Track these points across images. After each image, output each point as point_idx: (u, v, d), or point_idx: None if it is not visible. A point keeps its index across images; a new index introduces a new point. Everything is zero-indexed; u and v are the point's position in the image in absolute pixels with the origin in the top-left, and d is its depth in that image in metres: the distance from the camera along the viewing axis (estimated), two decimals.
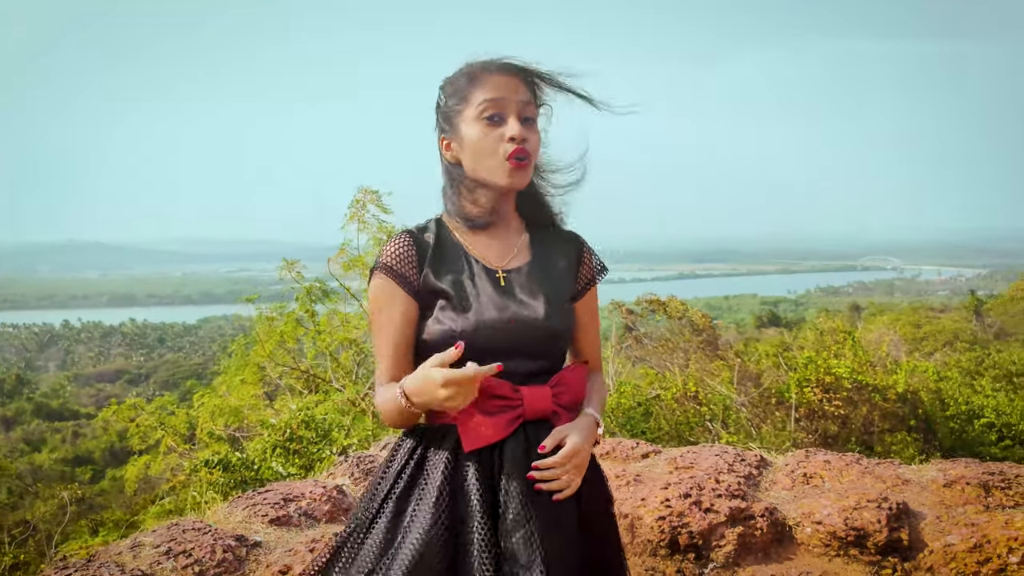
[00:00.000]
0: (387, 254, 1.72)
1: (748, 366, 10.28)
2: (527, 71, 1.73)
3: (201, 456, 7.88)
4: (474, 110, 1.69)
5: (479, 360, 1.60)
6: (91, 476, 22.81)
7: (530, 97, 1.71)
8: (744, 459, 3.10)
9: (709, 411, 8.92)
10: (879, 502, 2.53)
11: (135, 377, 54.05)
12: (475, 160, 1.70)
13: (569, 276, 1.80)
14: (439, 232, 1.77)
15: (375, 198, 9.05)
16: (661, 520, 2.55)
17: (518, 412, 1.64)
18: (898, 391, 8.50)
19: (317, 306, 9.51)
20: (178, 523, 2.50)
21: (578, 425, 1.68)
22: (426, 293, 1.70)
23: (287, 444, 6.22)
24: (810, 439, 8.41)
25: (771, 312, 50.11)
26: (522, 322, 1.67)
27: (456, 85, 1.74)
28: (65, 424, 33.02)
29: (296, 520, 2.67)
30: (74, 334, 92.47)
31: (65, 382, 51.53)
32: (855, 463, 3.02)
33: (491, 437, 1.62)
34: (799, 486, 2.92)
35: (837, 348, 10.81)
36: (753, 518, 2.54)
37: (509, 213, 1.80)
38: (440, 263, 1.72)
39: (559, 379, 1.71)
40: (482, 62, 1.73)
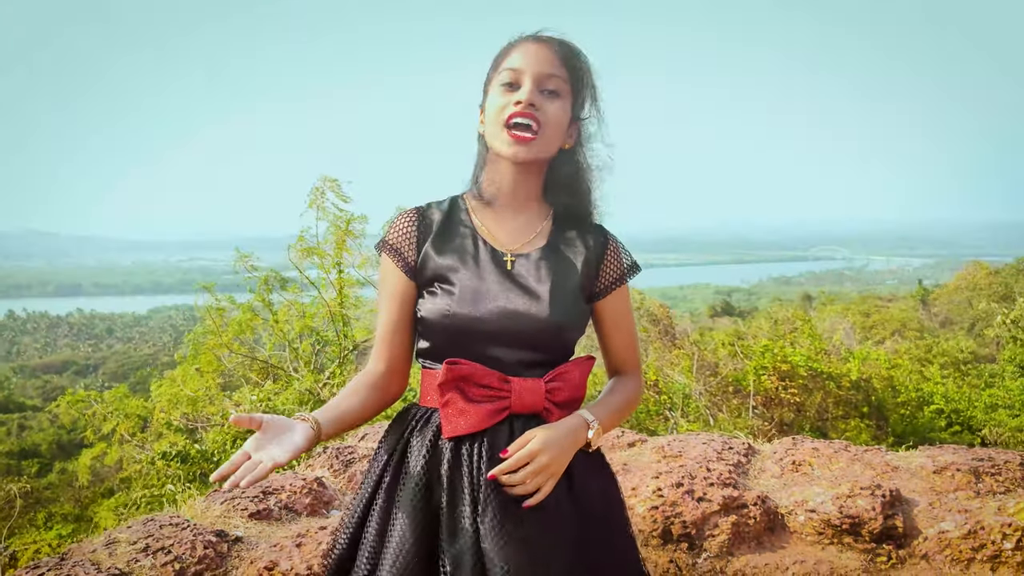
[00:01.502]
0: (390, 231, 1.67)
1: (705, 356, 10.36)
2: (561, 43, 1.64)
3: (158, 448, 7.69)
4: (497, 77, 1.63)
5: (473, 344, 1.56)
6: (38, 469, 22.24)
7: (558, 70, 1.61)
8: (732, 447, 3.07)
9: (669, 400, 8.96)
10: (872, 489, 2.51)
11: (83, 368, 52.86)
12: (488, 127, 1.63)
13: (586, 271, 1.68)
14: (450, 210, 1.70)
15: (335, 186, 8.93)
16: (653, 510, 2.50)
17: (504, 404, 1.55)
18: (852, 379, 8.64)
19: (274, 295, 9.35)
20: (154, 519, 2.38)
21: (554, 426, 1.55)
22: (424, 271, 1.63)
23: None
24: (766, 426, 8.51)
25: (725, 302, 50.78)
26: (520, 309, 1.58)
27: (497, 56, 1.68)
28: (10, 417, 32.14)
29: (277, 514, 2.56)
30: (19, 324, 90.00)
31: (10, 374, 50.16)
32: (843, 450, 3.01)
33: (471, 426, 1.53)
34: (788, 474, 2.90)
35: (793, 337, 10.96)
36: (746, 507, 2.51)
37: (531, 195, 1.70)
38: (443, 241, 1.64)
39: (557, 374, 1.60)
40: (523, 35, 1.65)
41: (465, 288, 1.58)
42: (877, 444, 7.79)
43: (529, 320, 1.58)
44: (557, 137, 1.64)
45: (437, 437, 1.56)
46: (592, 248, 1.70)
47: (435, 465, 1.55)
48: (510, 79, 1.60)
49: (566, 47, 1.64)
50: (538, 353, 1.59)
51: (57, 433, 25.11)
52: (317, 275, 9.16)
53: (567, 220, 1.72)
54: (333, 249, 8.88)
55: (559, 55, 1.62)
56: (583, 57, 1.66)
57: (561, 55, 1.62)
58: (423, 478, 1.53)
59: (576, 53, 1.65)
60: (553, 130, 1.62)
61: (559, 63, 1.62)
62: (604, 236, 1.74)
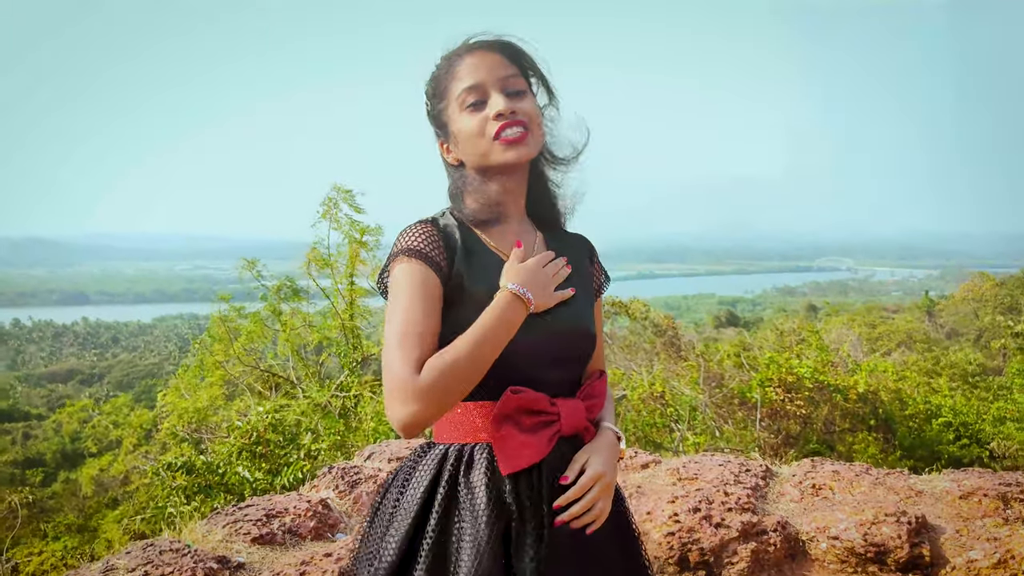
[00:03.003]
0: (411, 238, 1.53)
1: (711, 367, 10.29)
2: (502, 44, 1.59)
3: (164, 459, 7.63)
4: (456, 103, 1.57)
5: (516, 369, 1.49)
6: (42, 479, 22.23)
7: (513, 69, 1.58)
8: (749, 469, 2.99)
9: (675, 412, 8.90)
10: (898, 516, 2.43)
11: (88, 377, 52.84)
12: (471, 151, 1.57)
13: (588, 279, 1.70)
14: (460, 227, 1.60)
15: (348, 197, 8.87)
16: (670, 536, 2.43)
17: (556, 428, 1.51)
18: (859, 391, 8.57)
19: (284, 305, 9.30)
20: (154, 543, 2.31)
21: (598, 445, 1.55)
22: (456, 285, 1.52)
23: (253, 448, 6.00)
24: (773, 439, 8.43)
25: (729, 312, 50.70)
26: (565, 326, 1.56)
27: (435, 84, 1.63)
28: (15, 425, 32.14)
29: (281, 538, 2.49)
30: (25, 333, 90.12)
31: (15, 382, 50.17)
32: (865, 473, 2.93)
33: (532, 457, 1.47)
34: (808, 498, 2.82)
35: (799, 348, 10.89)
36: (766, 533, 2.43)
37: (520, 208, 1.67)
38: (470, 260, 1.56)
39: (590, 391, 1.59)
40: (453, 50, 1.61)
41: None
42: (885, 457, 7.71)
43: (573, 339, 1.57)
44: (540, 131, 1.61)
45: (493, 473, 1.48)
46: (583, 254, 1.72)
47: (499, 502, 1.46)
48: (474, 98, 1.55)
49: (506, 45, 1.60)
50: (577, 369, 1.59)
51: (62, 442, 25.10)
52: (328, 284, 9.13)
53: (551, 228, 1.71)
54: (347, 260, 8.84)
55: (504, 55, 1.59)
56: (523, 47, 1.62)
57: (505, 54, 1.59)
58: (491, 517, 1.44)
59: (515, 47, 1.61)
60: (536, 126, 1.59)
61: (508, 62, 1.58)
62: (590, 247, 1.76)
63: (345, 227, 8.76)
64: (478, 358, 1.43)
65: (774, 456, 7.93)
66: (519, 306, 1.47)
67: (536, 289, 1.50)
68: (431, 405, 1.40)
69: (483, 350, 1.43)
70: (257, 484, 5.47)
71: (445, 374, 1.40)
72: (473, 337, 1.43)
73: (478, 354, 1.43)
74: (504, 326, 1.45)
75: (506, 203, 1.62)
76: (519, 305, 1.47)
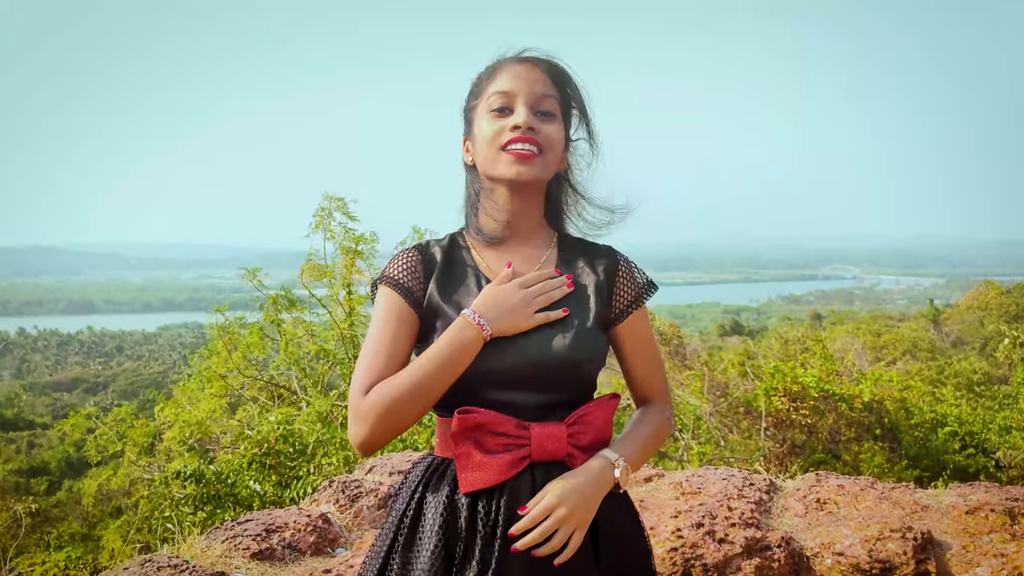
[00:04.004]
0: (393, 267, 1.57)
1: (716, 376, 10.28)
2: (549, 63, 1.58)
3: (171, 468, 7.60)
4: (484, 103, 1.56)
5: (486, 390, 1.47)
6: (47, 488, 22.23)
7: (551, 91, 1.56)
8: (753, 483, 2.96)
9: (680, 421, 8.88)
10: (903, 531, 2.40)
11: (93, 386, 52.90)
12: (483, 155, 1.56)
13: (600, 298, 1.59)
14: (450, 248, 1.62)
15: (341, 205, 8.83)
16: (673, 552, 2.40)
17: (524, 453, 1.45)
18: (864, 400, 8.55)
19: (283, 315, 9.28)
20: (152, 559, 2.30)
21: (574, 474, 1.46)
22: (429, 311, 1.54)
23: (263, 459, 5.97)
24: (778, 448, 8.40)
25: (734, 320, 50.61)
26: (534, 351, 1.49)
27: (476, 82, 1.62)
28: (20, 434, 32.17)
29: (280, 553, 2.47)
30: (30, 342, 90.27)
31: (20, 391, 50.24)
32: (870, 488, 2.90)
33: (488, 480, 1.44)
34: (813, 513, 2.79)
35: (804, 357, 10.87)
36: (770, 548, 2.41)
37: (532, 224, 1.63)
38: (447, 280, 1.56)
39: (578, 416, 1.50)
40: (507, 56, 1.60)
41: None
42: (891, 466, 7.67)
43: (543, 360, 1.49)
44: (556, 159, 1.58)
45: (454, 491, 1.47)
46: (602, 272, 1.62)
47: (452, 523, 1.45)
48: (501, 104, 1.54)
49: (555, 67, 1.58)
50: (558, 394, 1.50)
51: (66, 451, 25.10)
52: (326, 294, 9.10)
53: (572, 245, 1.66)
54: (343, 270, 8.81)
55: (549, 76, 1.57)
56: (572, 76, 1.61)
57: (551, 76, 1.57)
58: (440, 540, 1.43)
59: (565, 73, 1.60)
60: (553, 152, 1.56)
61: (551, 84, 1.56)
62: (614, 257, 1.65)
63: (339, 237, 8.74)
64: (426, 383, 1.43)
65: (779, 465, 7.90)
66: (469, 332, 1.45)
67: (500, 314, 1.47)
68: (375, 426, 1.42)
69: (431, 375, 1.43)
70: (267, 497, 5.45)
71: (387, 397, 1.42)
72: (421, 361, 1.45)
73: (426, 379, 1.43)
74: (452, 352, 1.44)
75: (515, 219, 1.59)
76: (470, 331, 1.45)
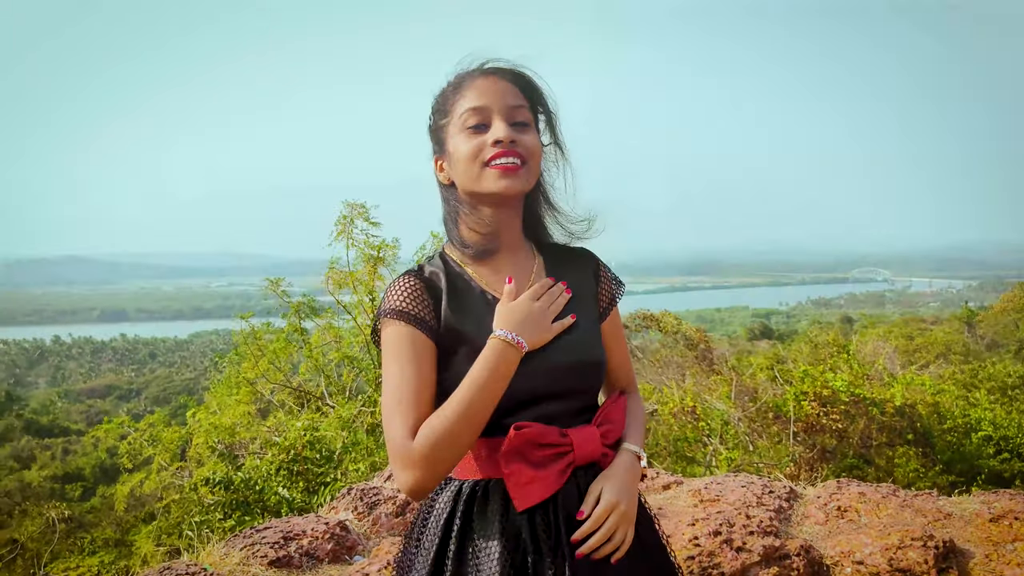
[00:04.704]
0: (395, 298, 1.51)
1: (744, 380, 10.20)
2: (514, 72, 1.57)
3: (200, 474, 7.70)
4: (457, 121, 1.54)
5: (519, 406, 1.47)
6: (81, 493, 22.55)
7: (522, 101, 1.56)
8: (772, 490, 2.95)
9: (707, 426, 8.82)
10: (924, 540, 2.38)
11: (126, 393, 53.62)
12: (463, 174, 1.54)
13: (592, 298, 1.65)
14: (447, 269, 1.59)
15: (363, 212, 8.85)
16: (690, 560, 2.40)
17: (569, 459, 1.48)
18: (895, 404, 8.45)
19: (307, 323, 9.35)
20: (171, 567, 2.34)
21: (613, 472, 1.51)
22: (448, 336, 1.51)
23: (291, 465, 6.03)
24: (808, 454, 8.33)
25: (763, 324, 50.15)
26: (563, 359, 1.52)
27: (441, 100, 1.60)
28: (55, 441, 32.67)
29: (298, 561, 2.51)
30: (65, 350, 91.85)
31: (55, 398, 51.07)
32: (892, 495, 2.87)
33: (544, 492, 1.45)
34: (833, 520, 2.77)
35: (833, 362, 10.76)
36: (788, 557, 2.40)
37: (515, 235, 1.63)
38: (457, 303, 1.53)
39: (604, 416, 1.56)
40: (467, 70, 1.59)
41: None
42: (925, 471, 7.57)
43: (578, 367, 1.53)
44: (537, 167, 1.58)
45: (507, 510, 1.46)
46: (587, 273, 1.67)
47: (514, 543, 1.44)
48: (476, 121, 1.52)
49: (520, 76, 1.58)
50: (581, 398, 1.55)
51: (100, 457, 25.44)
52: (350, 299, 9.15)
53: (553, 252, 1.68)
54: (366, 276, 8.85)
55: (517, 85, 1.57)
56: (538, 82, 1.60)
57: (519, 84, 1.57)
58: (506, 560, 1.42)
59: (531, 80, 1.59)
60: (535, 161, 1.56)
61: (519, 93, 1.56)
62: (593, 258, 1.71)
63: (360, 244, 8.76)
64: (473, 415, 1.41)
65: (810, 471, 7.83)
66: (511, 353, 1.44)
67: (529, 329, 1.47)
68: (430, 468, 1.39)
69: (477, 406, 1.41)
70: (295, 503, 5.50)
71: (441, 437, 1.39)
72: (465, 394, 1.42)
73: (473, 411, 1.41)
74: (497, 377, 1.43)
75: (500, 232, 1.59)
76: (511, 352, 1.44)
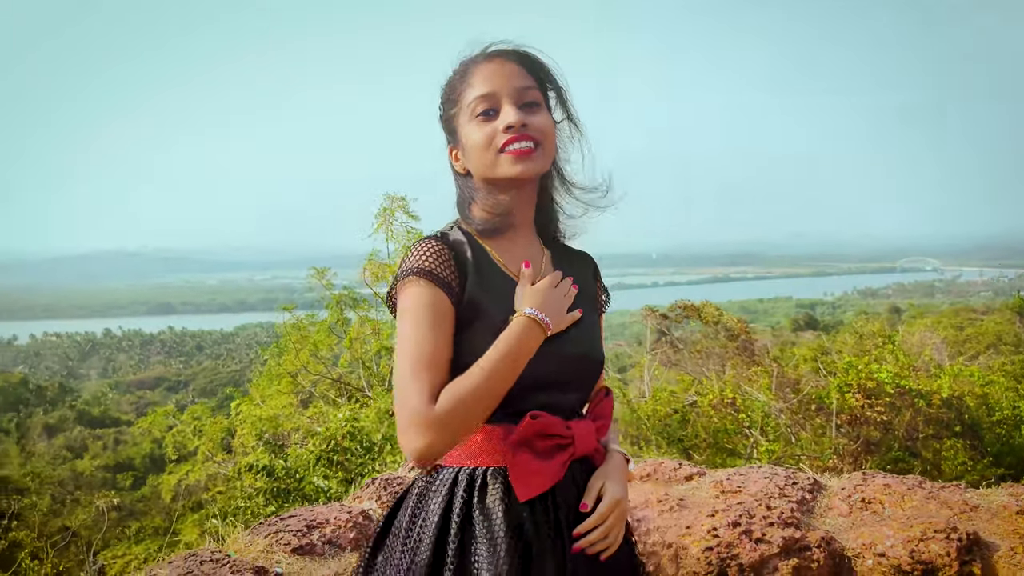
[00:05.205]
0: (422, 257, 1.47)
1: (787, 372, 10.07)
2: (520, 54, 1.55)
3: (245, 461, 7.83)
4: (467, 110, 1.53)
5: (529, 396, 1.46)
6: (132, 482, 23.13)
7: (529, 81, 1.53)
8: (796, 482, 2.90)
9: (748, 418, 8.73)
10: (948, 532, 2.32)
11: (174, 384, 54.73)
12: (478, 162, 1.53)
13: (593, 299, 1.67)
14: (470, 243, 1.54)
15: (403, 205, 8.90)
16: (708, 551, 2.37)
17: (570, 452, 1.48)
18: (943, 396, 8.28)
19: (348, 313, 9.44)
20: (196, 554, 2.38)
21: (610, 470, 1.53)
22: (469, 305, 1.47)
23: (331, 455, 6.10)
24: (852, 446, 8.20)
25: (808, 315, 49.49)
26: (575, 351, 1.53)
27: (449, 89, 1.59)
28: (107, 431, 33.54)
29: (320, 548, 2.53)
30: (115, 342, 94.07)
31: (107, 389, 52.34)
32: (917, 487, 2.80)
33: (546, 483, 1.44)
34: (857, 512, 2.71)
35: (878, 352, 10.60)
36: (809, 549, 2.36)
37: (528, 222, 1.62)
38: (481, 278, 1.50)
39: (598, 411, 1.58)
40: (471, 56, 1.56)
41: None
42: (973, 464, 7.40)
43: (587, 359, 1.55)
44: (553, 147, 1.56)
45: (508, 499, 1.44)
46: (588, 274, 1.69)
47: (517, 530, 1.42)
48: (485, 107, 1.51)
49: (526, 56, 1.56)
50: (584, 392, 1.56)
51: (150, 447, 26.03)
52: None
53: (557, 247, 1.68)
54: None
55: (523, 65, 1.54)
56: (544, 60, 1.58)
57: (525, 65, 1.55)
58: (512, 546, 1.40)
59: (537, 59, 1.57)
60: (549, 141, 1.54)
61: (526, 73, 1.54)
62: (592, 261, 1.72)
63: (401, 236, 8.81)
64: (495, 386, 1.40)
65: (853, 463, 7.70)
66: (537, 331, 1.45)
67: (551, 312, 1.47)
68: (448, 434, 1.38)
69: (500, 377, 1.41)
70: (332, 493, 5.56)
71: (463, 402, 1.38)
72: (490, 364, 1.41)
73: (495, 382, 1.40)
74: (522, 352, 1.43)
75: (515, 214, 1.57)
76: (537, 330, 1.45)
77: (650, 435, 8.85)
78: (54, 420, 35.92)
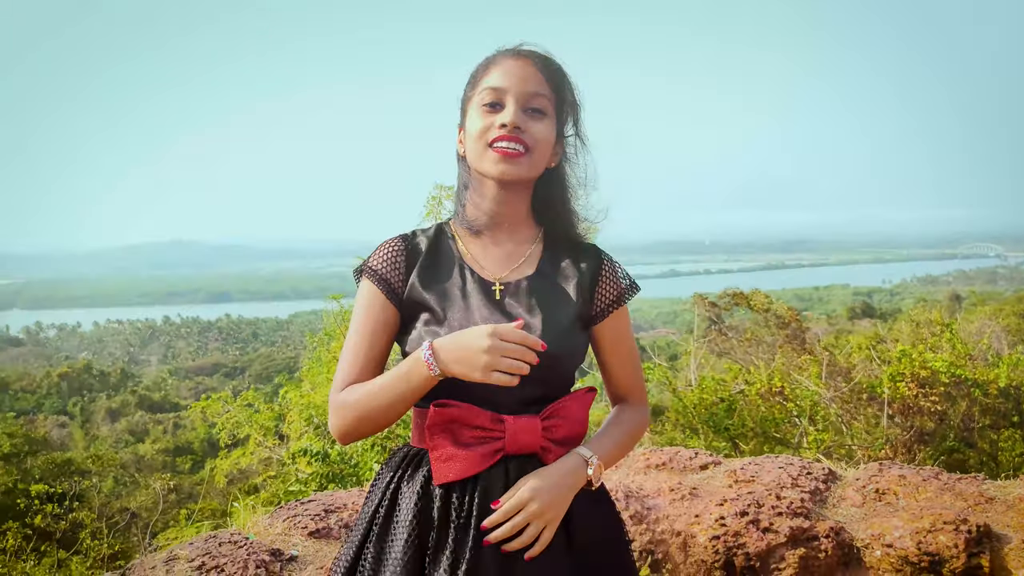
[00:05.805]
0: (375, 258, 1.59)
1: (838, 360, 9.89)
2: (544, 59, 1.56)
3: (296, 447, 7.97)
4: (477, 97, 1.56)
5: (462, 385, 1.45)
6: (191, 465, 23.74)
7: (543, 88, 1.54)
8: (811, 472, 2.87)
9: (796, 407, 8.62)
10: (957, 524, 2.28)
11: (231, 371, 55.92)
12: (471, 150, 1.56)
13: (580, 295, 1.60)
14: (436, 238, 1.62)
15: (451, 194, 8.95)
16: (715, 540, 2.37)
17: (498, 445, 1.46)
18: (1000, 386, 8.06)
19: None
20: (216, 535, 2.47)
21: (548, 470, 1.47)
22: (410, 302, 1.55)
23: (385, 442, 6.18)
24: (905, 436, 8.05)
25: (865, 303, 48.46)
26: None
27: (474, 73, 1.61)
28: (167, 416, 34.46)
29: (336, 532, 2.60)
30: (174, 329, 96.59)
31: (166, 375, 53.77)
32: (933, 478, 2.75)
33: (461, 472, 1.44)
34: (870, 503, 2.68)
35: (934, 341, 10.36)
36: (817, 539, 2.34)
37: (518, 218, 1.63)
38: (430, 271, 1.57)
39: (554, 410, 1.51)
40: (504, 49, 1.58)
41: (453, 322, 1.50)
42: None
43: (543, 357, 1.46)
44: (544, 157, 1.57)
45: (429, 482, 1.48)
46: (585, 271, 1.62)
47: (426, 514, 1.47)
48: (492, 99, 1.53)
49: (549, 63, 1.56)
50: (535, 388, 1.49)
51: (208, 431, 26.71)
52: None
53: (558, 242, 1.65)
54: None
55: (543, 72, 1.55)
56: (566, 73, 1.58)
57: (545, 72, 1.55)
58: (414, 530, 1.45)
59: (559, 70, 1.57)
60: (541, 150, 1.55)
61: (543, 80, 1.54)
62: (599, 257, 1.66)
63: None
64: (374, 413, 1.47)
65: (907, 453, 7.56)
66: (419, 369, 1.43)
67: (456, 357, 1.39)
68: (345, 423, 1.51)
69: (382, 406, 1.46)
70: None
71: (351, 407, 1.50)
72: (375, 390, 1.48)
73: (376, 409, 1.47)
74: (404, 385, 1.45)
75: (501, 212, 1.59)
76: (419, 368, 1.43)
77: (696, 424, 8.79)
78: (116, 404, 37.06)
